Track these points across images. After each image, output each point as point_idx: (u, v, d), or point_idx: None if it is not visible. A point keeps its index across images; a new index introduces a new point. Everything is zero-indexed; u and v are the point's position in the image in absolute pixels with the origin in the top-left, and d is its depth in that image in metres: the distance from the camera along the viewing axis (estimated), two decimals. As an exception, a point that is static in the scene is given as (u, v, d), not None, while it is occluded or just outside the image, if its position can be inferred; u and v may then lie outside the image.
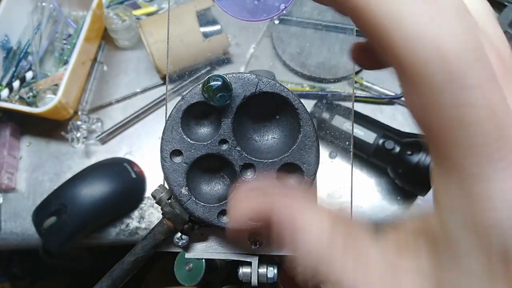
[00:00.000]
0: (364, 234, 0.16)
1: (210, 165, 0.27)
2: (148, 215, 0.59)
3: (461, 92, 0.12)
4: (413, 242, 0.15)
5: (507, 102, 0.12)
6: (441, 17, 0.12)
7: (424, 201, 0.55)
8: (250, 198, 0.18)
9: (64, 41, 0.65)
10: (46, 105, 0.57)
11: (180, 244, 0.28)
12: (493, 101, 0.12)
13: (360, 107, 0.62)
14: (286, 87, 0.26)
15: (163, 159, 0.26)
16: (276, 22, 0.65)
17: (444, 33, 0.12)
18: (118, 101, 0.65)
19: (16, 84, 0.61)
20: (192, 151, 0.26)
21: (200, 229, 0.29)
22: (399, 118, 0.61)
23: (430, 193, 0.52)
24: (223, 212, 0.26)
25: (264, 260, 0.30)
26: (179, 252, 0.30)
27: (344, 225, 0.16)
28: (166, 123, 0.26)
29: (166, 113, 0.28)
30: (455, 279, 0.13)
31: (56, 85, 0.61)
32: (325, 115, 0.56)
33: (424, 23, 0.12)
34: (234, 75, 0.26)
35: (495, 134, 0.12)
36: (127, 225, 0.58)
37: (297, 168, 0.26)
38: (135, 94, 0.65)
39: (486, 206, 0.12)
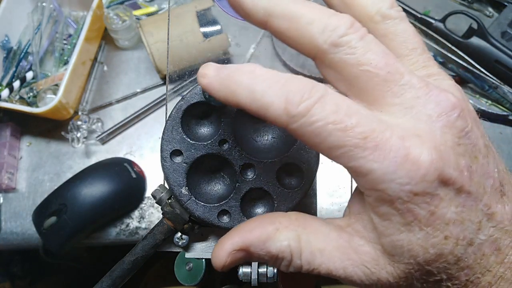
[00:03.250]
0: (318, 221, 0.22)
1: (210, 165, 0.27)
2: (148, 215, 0.59)
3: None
4: (353, 220, 0.22)
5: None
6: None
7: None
8: (229, 239, 0.23)
9: (64, 41, 0.65)
10: (47, 105, 0.57)
11: (180, 244, 0.28)
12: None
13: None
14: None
15: (163, 159, 0.26)
16: (276, 22, 0.65)
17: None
18: (118, 101, 0.65)
19: (16, 84, 0.61)
20: (192, 151, 0.26)
21: (200, 229, 0.29)
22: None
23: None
24: (223, 212, 0.26)
25: (264, 260, 0.30)
26: (179, 252, 0.30)
27: (301, 224, 0.22)
28: (166, 123, 0.26)
29: (166, 113, 0.28)
30: (384, 229, 0.20)
31: (57, 85, 0.61)
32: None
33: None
34: None
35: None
36: (127, 225, 0.58)
37: (297, 168, 0.26)
38: (135, 94, 0.65)
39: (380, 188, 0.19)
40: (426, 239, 0.19)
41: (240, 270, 0.29)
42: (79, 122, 0.61)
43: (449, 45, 0.63)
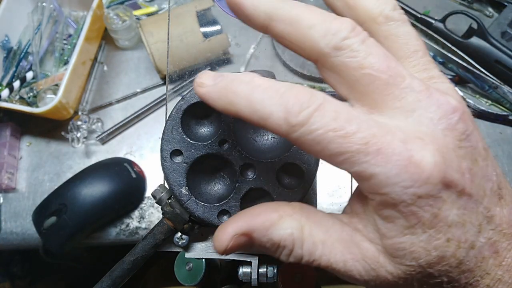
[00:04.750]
0: (321, 213, 0.22)
1: (210, 165, 0.27)
2: (148, 215, 0.59)
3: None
4: (355, 220, 0.22)
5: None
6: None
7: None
8: (232, 224, 0.22)
9: (65, 41, 0.65)
10: (47, 105, 0.57)
11: (180, 244, 0.28)
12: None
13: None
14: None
15: (163, 159, 0.26)
16: (276, 22, 0.65)
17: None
18: (118, 101, 0.65)
19: (16, 84, 0.61)
20: (192, 151, 0.26)
21: (200, 229, 0.29)
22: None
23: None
24: (223, 212, 0.26)
25: (264, 260, 0.30)
26: (179, 252, 0.30)
27: (304, 214, 0.22)
28: (166, 123, 0.26)
29: (166, 113, 0.28)
30: (387, 231, 0.20)
31: (57, 85, 0.61)
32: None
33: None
34: None
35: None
36: (127, 225, 0.58)
37: (297, 168, 0.26)
38: (135, 94, 0.65)
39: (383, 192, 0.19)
40: (429, 242, 0.19)
41: (240, 270, 0.29)
42: (79, 122, 0.61)
43: (449, 45, 0.63)
